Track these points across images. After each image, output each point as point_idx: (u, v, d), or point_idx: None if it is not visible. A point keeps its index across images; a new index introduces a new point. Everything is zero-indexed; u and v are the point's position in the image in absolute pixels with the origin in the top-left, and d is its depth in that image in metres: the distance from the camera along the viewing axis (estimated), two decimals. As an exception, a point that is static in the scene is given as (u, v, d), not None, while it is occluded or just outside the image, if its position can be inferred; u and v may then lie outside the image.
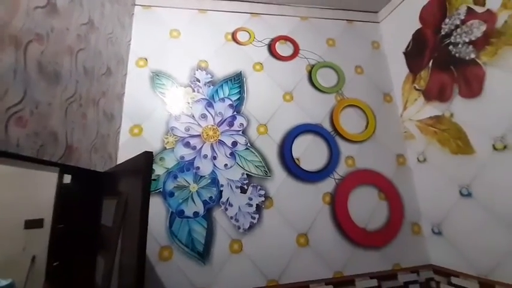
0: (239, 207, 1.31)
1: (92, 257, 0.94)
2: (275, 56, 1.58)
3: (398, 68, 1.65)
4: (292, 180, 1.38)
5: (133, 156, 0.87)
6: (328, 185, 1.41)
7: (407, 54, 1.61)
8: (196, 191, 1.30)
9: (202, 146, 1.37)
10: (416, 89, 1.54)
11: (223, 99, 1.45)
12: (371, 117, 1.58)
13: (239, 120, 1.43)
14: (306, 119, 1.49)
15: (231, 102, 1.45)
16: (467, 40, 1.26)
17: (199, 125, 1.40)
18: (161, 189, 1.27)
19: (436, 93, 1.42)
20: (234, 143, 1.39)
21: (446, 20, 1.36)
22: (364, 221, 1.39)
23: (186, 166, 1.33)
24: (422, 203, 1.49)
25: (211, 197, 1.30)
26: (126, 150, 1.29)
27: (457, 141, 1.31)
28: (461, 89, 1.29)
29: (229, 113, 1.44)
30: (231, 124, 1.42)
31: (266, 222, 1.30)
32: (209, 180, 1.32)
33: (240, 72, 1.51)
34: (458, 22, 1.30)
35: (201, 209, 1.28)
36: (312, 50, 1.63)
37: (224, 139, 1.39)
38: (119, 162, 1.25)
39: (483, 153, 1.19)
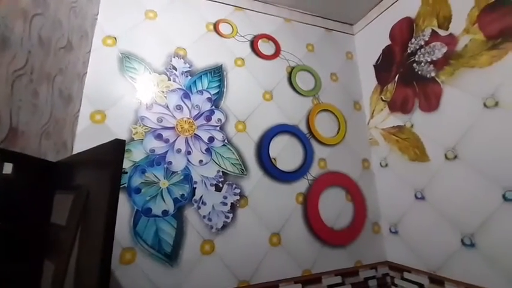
0: (213, 206, 1.23)
1: (38, 260, 0.78)
2: (257, 54, 1.54)
3: (368, 79, 1.76)
4: (268, 180, 1.36)
5: (93, 146, 0.74)
6: (301, 185, 1.42)
7: (376, 67, 1.72)
8: (167, 187, 1.19)
9: (176, 140, 1.26)
10: (383, 100, 1.65)
11: (201, 92, 1.36)
12: (342, 122, 1.65)
13: (217, 115, 1.35)
14: (284, 119, 1.48)
15: (209, 96, 1.37)
16: (429, 60, 1.39)
17: (173, 116, 1.28)
18: (126, 185, 1.13)
19: (399, 105, 1.54)
20: (211, 139, 1.31)
21: (413, 40, 1.49)
22: (332, 221, 1.44)
23: (156, 160, 1.20)
24: (382, 204, 1.60)
25: (183, 195, 1.20)
26: (84, 139, 1.12)
27: (415, 149, 1.43)
28: (421, 103, 1.42)
29: (207, 106, 1.35)
30: (208, 118, 1.34)
31: (240, 222, 1.25)
32: (182, 177, 1.22)
33: (221, 65, 1.44)
34: (422, 43, 1.43)
35: (171, 207, 1.17)
36: (292, 52, 1.63)
37: (200, 134, 1.30)
38: (75, 151, 1.07)
39: (436, 162, 1.32)
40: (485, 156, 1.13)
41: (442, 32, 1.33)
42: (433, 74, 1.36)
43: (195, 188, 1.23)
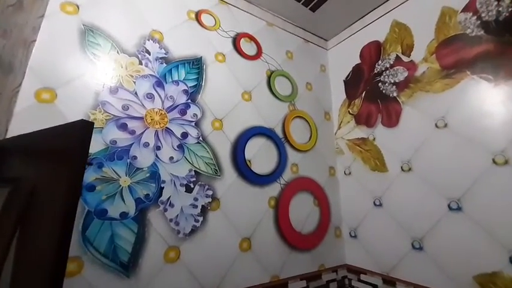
0: (181, 209, 1.11)
1: None
2: (239, 52, 1.48)
3: (338, 93, 1.86)
4: (242, 182, 1.29)
5: (35, 129, 0.58)
6: (274, 189, 1.40)
7: (346, 82, 1.83)
8: (129, 186, 1.02)
9: (143, 132, 1.10)
10: (350, 113, 1.76)
11: (177, 82, 1.23)
12: (314, 130, 1.69)
13: (193, 109, 1.24)
14: (261, 122, 1.45)
15: (186, 88, 1.25)
16: (392, 81, 1.54)
17: (142, 105, 1.12)
18: (77, 180, 0.93)
19: (364, 119, 1.66)
20: (184, 135, 1.19)
21: (379, 62, 1.63)
22: (300, 225, 1.45)
23: (118, 154, 1.03)
24: (344, 209, 1.69)
25: (147, 195, 1.05)
26: (24, 120, 0.88)
27: (375, 160, 1.55)
28: (383, 119, 1.55)
29: (183, 99, 1.23)
30: (183, 112, 1.21)
31: (210, 226, 1.15)
32: (148, 174, 1.07)
33: (201, 57, 1.33)
34: (388, 65, 1.58)
35: (131, 209, 1.01)
36: (273, 56, 1.62)
37: (173, 128, 1.17)
38: (10, 135, 0.84)
39: (393, 172, 1.45)
40: (434, 170, 1.27)
41: (404, 58, 1.49)
42: (395, 94, 1.51)
43: (163, 187, 1.09)
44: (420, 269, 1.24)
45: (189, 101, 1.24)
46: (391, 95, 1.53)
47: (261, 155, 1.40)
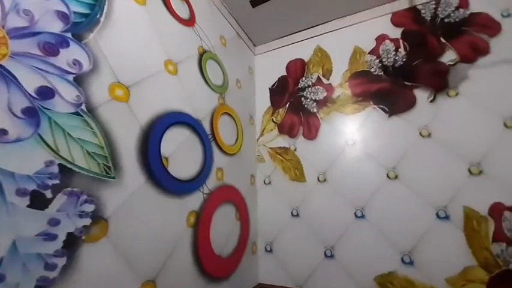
0: (14, 244, 0.48)
1: None
2: (166, 5, 1.01)
3: (263, 99, 1.73)
4: (152, 190, 0.79)
5: None
6: (195, 200, 0.97)
7: (272, 91, 1.74)
8: None
9: None
10: (273, 122, 1.66)
11: (44, -8, 0.60)
12: (240, 132, 1.43)
13: (74, 52, 0.64)
14: (187, 108, 1.01)
15: (65, 11, 0.64)
16: (313, 98, 1.58)
17: None
18: None
19: (287, 129, 1.60)
20: (46, 91, 0.57)
21: (303, 79, 1.66)
22: (220, 247, 1.09)
23: None
24: (260, 222, 1.49)
25: None
26: None
27: (295, 170, 1.50)
28: (304, 131, 1.55)
29: (55, 27, 0.61)
30: (50, 50, 0.59)
31: (82, 273, 0.57)
32: None
33: (105, -23, 0.76)
34: (310, 83, 1.62)
35: None
36: (207, 34, 1.25)
37: (18, 71, 0.53)
38: None
39: (311, 183, 1.43)
40: (344, 181, 1.35)
41: (324, 80, 1.58)
42: (315, 110, 1.55)
43: (-44, 198, 0.43)
44: (331, 277, 1.23)
45: (70, 35, 0.64)
46: (312, 110, 1.56)
47: (182, 153, 0.95)
